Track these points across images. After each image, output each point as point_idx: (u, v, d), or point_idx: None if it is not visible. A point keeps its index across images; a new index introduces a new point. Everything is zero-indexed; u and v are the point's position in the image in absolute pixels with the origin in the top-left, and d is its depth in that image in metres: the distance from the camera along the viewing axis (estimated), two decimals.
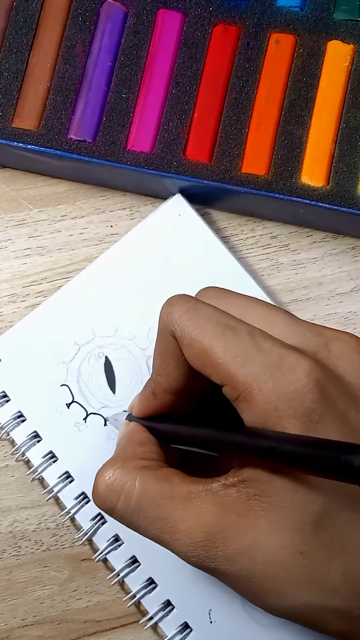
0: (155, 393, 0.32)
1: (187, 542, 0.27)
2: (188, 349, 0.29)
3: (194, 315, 0.29)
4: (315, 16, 0.42)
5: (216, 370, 0.28)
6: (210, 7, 0.42)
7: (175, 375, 0.31)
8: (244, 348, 0.28)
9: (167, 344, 0.30)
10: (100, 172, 0.43)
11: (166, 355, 0.30)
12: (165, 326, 0.30)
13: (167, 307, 0.30)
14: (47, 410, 0.41)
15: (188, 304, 0.30)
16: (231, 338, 0.28)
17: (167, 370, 0.31)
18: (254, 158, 0.41)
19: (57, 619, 0.41)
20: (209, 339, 0.28)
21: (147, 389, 0.32)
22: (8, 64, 0.42)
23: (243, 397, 0.27)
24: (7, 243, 0.44)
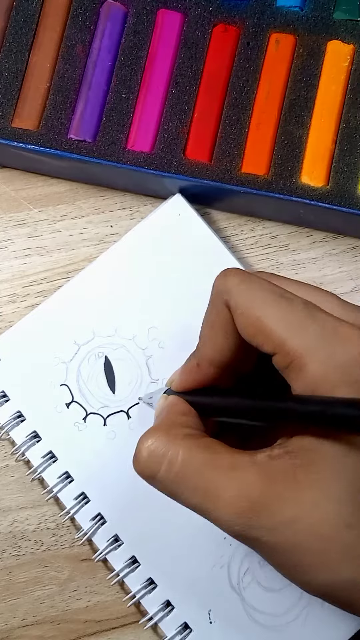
0: (200, 364, 0.31)
1: (230, 511, 0.27)
2: (242, 317, 0.29)
3: (249, 285, 0.29)
4: (315, 16, 0.42)
5: (269, 338, 0.28)
6: (210, 7, 0.42)
7: (222, 347, 0.30)
8: (299, 317, 0.28)
9: (219, 314, 0.30)
10: (100, 172, 0.43)
11: (216, 324, 0.30)
12: (219, 295, 0.30)
13: (222, 277, 0.30)
14: (46, 410, 0.41)
15: (243, 275, 0.30)
16: (286, 307, 0.28)
17: (216, 341, 0.30)
18: (254, 158, 0.41)
19: (57, 619, 0.41)
20: (264, 307, 0.28)
21: (190, 361, 0.32)
22: (8, 64, 0.42)
23: (294, 365, 0.27)
24: (7, 243, 0.44)
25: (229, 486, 0.27)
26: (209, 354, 0.31)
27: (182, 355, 0.34)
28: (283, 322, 0.28)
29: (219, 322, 0.30)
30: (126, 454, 0.40)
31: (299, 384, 0.27)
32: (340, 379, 0.26)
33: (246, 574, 0.39)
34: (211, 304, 0.30)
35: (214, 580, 0.39)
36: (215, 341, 0.30)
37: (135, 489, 0.40)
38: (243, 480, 0.27)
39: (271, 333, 0.28)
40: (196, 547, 0.40)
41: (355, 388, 0.26)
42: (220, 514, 0.27)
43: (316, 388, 0.27)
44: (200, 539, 0.40)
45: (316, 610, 0.39)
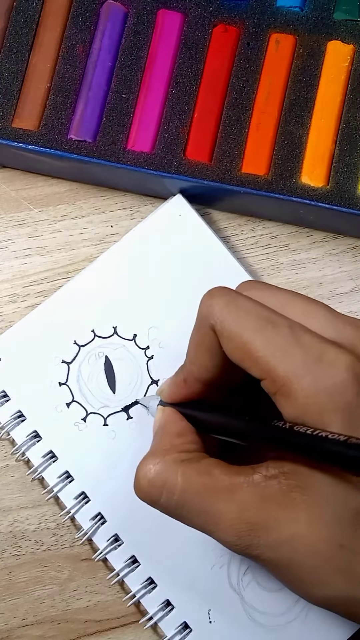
0: (186, 381, 0.32)
1: (230, 532, 0.28)
2: (227, 342, 0.29)
3: (234, 309, 0.29)
4: (315, 16, 0.42)
5: (255, 364, 0.28)
6: (210, 7, 0.42)
7: (208, 367, 0.31)
8: (284, 342, 0.28)
9: (205, 336, 0.30)
10: (100, 172, 0.43)
11: (202, 346, 0.30)
12: (204, 318, 0.30)
13: (207, 299, 0.30)
14: (47, 409, 0.41)
15: (228, 296, 0.30)
16: (271, 332, 0.28)
17: (201, 361, 0.31)
18: (254, 158, 0.41)
19: (57, 618, 0.41)
20: (249, 333, 0.28)
21: (178, 375, 0.32)
22: (8, 64, 0.42)
23: (282, 391, 0.27)
24: (7, 243, 0.44)
25: (227, 509, 0.28)
26: (196, 372, 0.31)
27: (182, 356, 0.34)
28: (269, 348, 0.28)
29: (205, 344, 0.30)
30: (126, 453, 0.41)
31: (289, 410, 0.27)
32: (327, 405, 0.27)
33: (246, 574, 0.39)
34: (197, 324, 0.31)
35: (213, 580, 0.39)
36: (201, 361, 0.31)
37: None
38: (241, 502, 0.28)
39: (258, 359, 0.28)
40: (196, 547, 0.40)
41: (342, 414, 0.26)
42: (221, 535, 0.28)
43: (304, 414, 0.27)
44: (200, 538, 0.39)
45: (315, 610, 0.39)
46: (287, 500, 0.27)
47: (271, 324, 0.28)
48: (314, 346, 0.28)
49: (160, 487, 0.29)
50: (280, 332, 0.28)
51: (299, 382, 0.27)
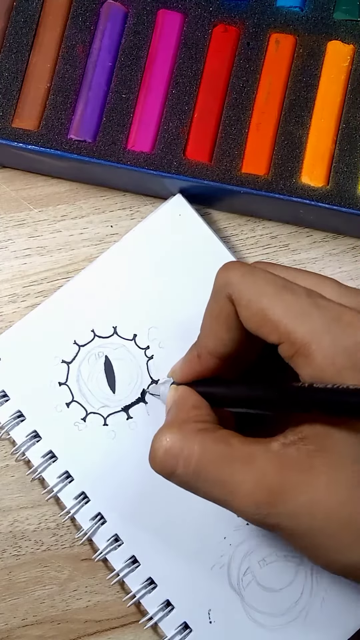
0: (200, 356, 0.32)
1: (248, 501, 0.28)
2: (245, 309, 0.29)
3: (252, 277, 0.29)
4: (315, 16, 0.42)
5: (274, 328, 0.28)
6: (210, 7, 0.42)
7: (224, 340, 0.31)
8: (302, 306, 0.28)
9: (222, 306, 0.30)
10: (100, 172, 0.43)
11: (218, 318, 0.31)
12: (221, 288, 0.30)
13: (224, 270, 0.30)
14: (46, 409, 0.41)
15: (245, 268, 0.30)
16: (289, 297, 0.29)
17: (217, 333, 0.31)
18: (254, 158, 0.41)
19: (57, 618, 0.41)
20: (268, 298, 0.29)
21: (191, 352, 0.32)
22: (8, 64, 0.42)
23: (301, 352, 0.28)
24: (7, 243, 0.44)
25: (246, 478, 0.28)
26: (210, 346, 0.31)
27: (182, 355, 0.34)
28: (287, 311, 0.28)
29: (221, 315, 0.30)
30: (126, 453, 0.41)
31: (306, 371, 0.28)
32: (345, 364, 0.27)
33: (246, 574, 0.39)
34: (213, 296, 0.31)
35: (214, 580, 0.39)
36: (216, 333, 0.31)
37: (136, 488, 0.40)
38: (259, 470, 0.28)
39: (276, 323, 0.28)
40: (196, 547, 0.40)
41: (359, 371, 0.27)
42: (238, 505, 0.28)
43: (323, 374, 0.27)
44: (200, 538, 0.40)
45: (315, 611, 0.39)
46: (306, 466, 0.27)
47: (289, 289, 0.29)
48: (331, 308, 0.28)
49: (177, 457, 0.29)
50: (298, 297, 0.29)
51: (318, 342, 0.27)
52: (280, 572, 0.39)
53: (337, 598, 0.39)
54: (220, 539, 0.40)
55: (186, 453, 0.29)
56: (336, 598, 0.39)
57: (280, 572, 0.39)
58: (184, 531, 0.40)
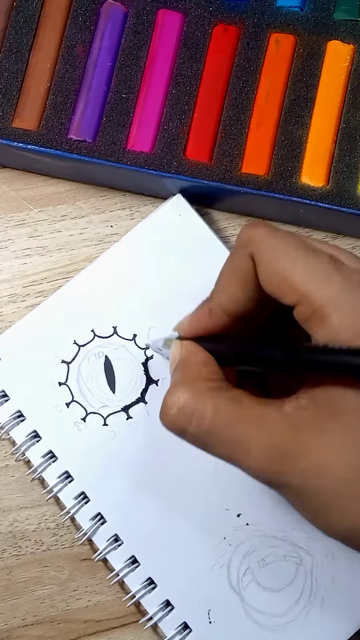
0: (212, 311, 0.31)
1: (259, 460, 0.28)
2: (267, 267, 0.29)
3: (276, 236, 0.29)
4: (315, 16, 0.42)
5: (293, 288, 0.28)
6: (210, 7, 0.42)
7: (238, 297, 0.31)
8: (325, 269, 0.28)
9: (241, 263, 0.30)
10: (100, 172, 0.43)
11: (236, 274, 0.30)
12: (243, 245, 0.30)
13: (248, 228, 0.30)
14: (46, 409, 0.41)
15: (270, 227, 0.30)
16: (312, 259, 0.28)
17: (232, 290, 0.31)
18: (254, 158, 0.41)
19: (57, 618, 0.41)
20: (290, 258, 0.29)
21: (202, 307, 0.32)
22: (8, 64, 0.42)
23: (317, 315, 0.28)
24: (7, 243, 0.44)
25: (259, 437, 0.28)
26: (224, 302, 0.31)
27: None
28: (309, 273, 0.28)
29: (239, 272, 0.30)
30: (126, 453, 0.41)
31: (321, 334, 0.28)
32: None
33: (246, 574, 0.39)
34: (234, 253, 0.31)
35: (213, 580, 0.39)
36: (231, 290, 0.31)
37: (136, 488, 0.40)
38: (272, 430, 0.28)
39: (296, 283, 0.28)
40: (196, 547, 0.40)
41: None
42: (249, 463, 0.28)
43: (338, 338, 0.27)
44: (200, 539, 0.40)
45: (315, 611, 0.39)
46: (318, 428, 0.27)
47: (312, 251, 0.29)
48: (353, 275, 0.28)
49: (190, 415, 0.29)
50: (321, 259, 0.28)
51: (337, 305, 0.27)
52: (280, 572, 0.39)
53: (337, 598, 0.39)
54: (220, 539, 0.40)
55: (200, 412, 0.29)
56: (336, 598, 0.39)
57: (280, 572, 0.39)
58: (184, 531, 0.40)
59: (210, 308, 0.32)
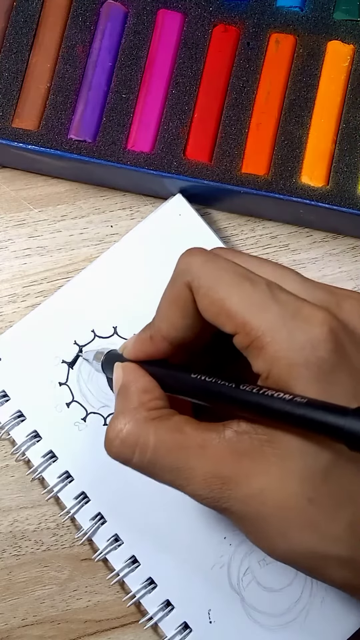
0: (153, 338, 0.32)
1: (202, 486, 0.28)
2: (204, 297, 0.29)
3: (213, 265, 0.29)
4: (315, 16, 0.42)
5: (231, 318, 0.28)
6: (210, 7, 0.42)
7: (178, 325, 0.31)
8: (261, 298, 0.28)
9: (180, 293, 0.30)
10: (100, 172, 0.43)
11: (175, 303, 0.30)
12: (181, 274, 0.30)
13: (185, 257, 0.30)
14: (47, 409, 0.41)
15: (206, 255, 0.30)
16: (249, 288, 0.28)
17: (172, 319, 0.31)
18: (254, 158, 0.41)
19: (57, 618, 0.41)
20: (227, 288, 0.29)
21: (145, 332, 0.32)
22: (8, 64, 0.42)
23: (255, 344, 0.28)
24: (7, 243, 0.44)
25: (199, 465, 0.28)
26: (164, 330, 0.31)
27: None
28: (246, 302, 0.28)
29: (178, 302, 0.30)
30: None
31: (258, 363, 0.28)
32: (298, 359, 0.27)
33: (246, 574, 0.39)
34: (172, 282, 0.31)
35: (214, 580, 0.39)
36: (171, 318, 0.31)
37: (136, 488, 0.40)
38: (212, 458, 0.28)
39: (233, 313, 0.28)
40: (196, 547, 0.40)
41: (311, 369, 0.27)
42: (192, 489, 0.29)
43: (274, 368, 0.27)
44: (200, 539, 0.40)
45: (315, 611, 0.39)
46: (258, 454, 0.27)
47: (248, 280, 0.29)
48: (290, 302, 0.28)
49: (133, 447, 0.29)
50: (257, 288, 0.28)
51: (273, 335, 0.27)
52: (280, 572, 0.39)
53: (337, 598, 0.39)
54: (220, 539, 0.40)
55: (142, 443, 0.29)
56: (336, 598, 0.39)
57: (280, 572, 0.39)
58: (184, 531, 0.40)
59: (151, 335, 0.32)
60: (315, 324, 0.27)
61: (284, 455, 0.27)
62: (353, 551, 0.27)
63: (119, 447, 0.30)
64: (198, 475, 0.28)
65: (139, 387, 0.31)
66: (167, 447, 0.29)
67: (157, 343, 0.32)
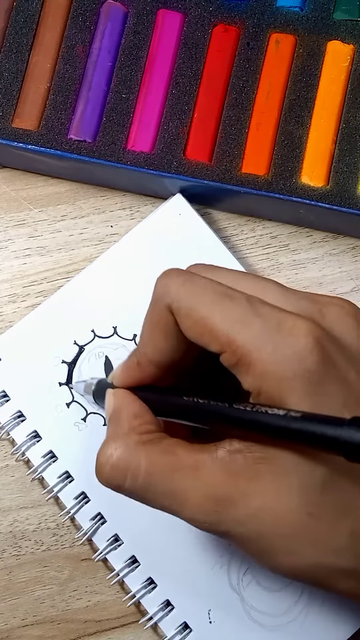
0: (140, 363, 0.31)
1: (197, 510, 0.28)
2: (185, 319, 0.29)
3: (191, 286, 0.29)
4: (315, 16, 0.42)
5: (214, 337, 0.28)
6: (210, 7, 0.42)
7: (162, 348, 0.30)
8: (243, 314, 0.28)
9: (160, 317, 0.30)
10: (100, 172, 0.43)
11: (157, 327, 0.30)
12: (160, 298, 0.30)
13: (163, 279, 0.30)
14: (47, 409, 0.41)
15: (184, 276, 0.30)
16: (229, 305, 0.28)
17: (156, 342, 0.30)
18: (254, 158, 0.41)
19: (57, 619, 0.41)
20: (207, 307, 0.28)
21: (131, 359, 0.32)
22: (8, 64, 0.42)
23: (242, 361, 0.27)
24: (7, 243, 0.44)
25: (193, 487, 0.28)
26: (149, 354, 0.31)
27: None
28: (228, 320, 0.28)
29: (160, 325, 0.30)
30: None
31: (247, 380, 0.27)
32: (286, 373, 0.27)
33: (246, 574, 0.39)
34: (152, 306, 0.30)
35: (213, 580, 0.39)
36: (155, 343, 0.30)
37: None
38: (206, 480, 0.28)
39: (217, 332, 0.28)
40: (196, 547, 0.40)
41: (301, 381, 0.26)
42: (188, 514, 0.28)
43: (264, 383, 0.27)
44: (200, 538, 0.40)
45: (315, 611, 0.39)
46: (253, 473, 0.27)
47: (228, 297, 0.28)
48: (272, 316, 0.28)
49: (124, 471, 0.29)
50: (238, 304, 0.28)
51: (259, 351, 0.27)
52: None
53: (337, 598, 0.39)
54: (220, 539, 0.40)
55: (133, 467, 0.29)
56: (336, 598, 0.39)
57: None
58: (184, 531, 0.40)
59: (138, 360, 0.31)
60: (299, 335, 0.27)
61: (280, 472, 0.27)
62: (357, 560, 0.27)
63: (109, 472, 0.29)
64: (193, 498, 0.28)
65: (129, 412, 0.31)
66: (160, 470, 0.29)
67: (145, 368, 0.31)
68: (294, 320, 0.27)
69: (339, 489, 0.27)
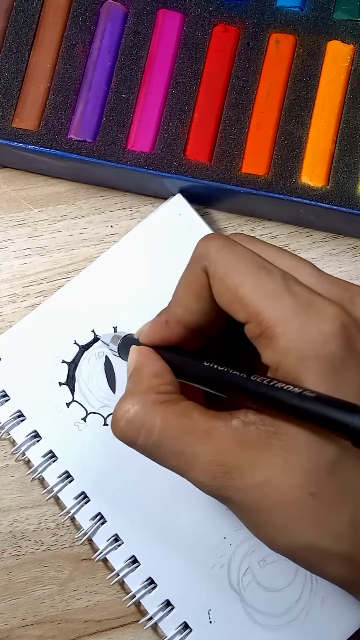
0: (168, 322, 0.32)
1: (205, 473, 0.28)
2: (219, 283, 0.29)
3: (230, 252, 0.29)
4: (315, 16, 0.42)
5: (243, 306, 0.28)
6: (210, 7, 0.43)
7: (193, 309, 0.31)
8: (275, 288, 0.28)
9: (196, 277, 0.30)
10: (100, 172, 0.43)
11: (191, 287, 0.30)
12: (198, 259, 0.30)
13: (204, 241, 0.30)
14: (47, 409, 0.41)
15: (225, 242, 0.30)
16: (264, 278, 0.28)
17: (187, 303, 0.31)
18: (254, 158, 0.41)
19: (57, 618, 0.41)
20: (242, 276, 0.28)
21: (160, 317, 0.32)
22: (8, 64, 0.42)
23: (265, 334, 0.28)
24: (7, 243, 0.44)
25: (204, 451, 0.28)
26: (179, 314, 0.31)
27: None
28: (259, 292, 0.28)
29: (194, 286, 0.30)
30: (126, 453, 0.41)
31: (268, 354, 0.28)
32: (308, 352, 0.27)
33: (246, 574, 0.39)
34: (189, 266, 0.31)
35: (214, 580, 0.39)
36: (187, 303, 0.31)
37: (136, 488, 0.40)
38: (218, 445, 0.28)
39: (247, 302, 0.28)
40: (196, 547, 0.40)
41: (322, 363, 0.27)
42: (195, 475, 0.28)
43: (284, 359, 0.27)
44: (200, 539, 0.40)
45: (315, 611, 0.39)
46: (264, 446, 0.27)
47: (265, 270, 0.29)
48: (304, 296, 0.28)
49: (139, 428, 0.29)
50: (273, 278, 0.28)
51: (284, 326, 0.27)
52: (280, 572, 0.39)
53: (337, 598, 0.39)
54: (220, 539, 0.40)
55: (148, 425, 0.29)
56: (336, 598, 0.39)
57: (280, 572, 0.39)
58: (184, 531, 0.40)
59: (167, 319, 0.32)
60: (327, 318, 0.27)
61: (290, 448, 0.27)
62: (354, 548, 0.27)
63: (124, 427, 0.30)
64: (202, 461, 0.28)
65: (150, 370, 0.31)
66: (173, 431, 0.29)
67: (172, 327, 0.32)
68: (324, 304, 0.28)
69: (345, 475, 0.27)
